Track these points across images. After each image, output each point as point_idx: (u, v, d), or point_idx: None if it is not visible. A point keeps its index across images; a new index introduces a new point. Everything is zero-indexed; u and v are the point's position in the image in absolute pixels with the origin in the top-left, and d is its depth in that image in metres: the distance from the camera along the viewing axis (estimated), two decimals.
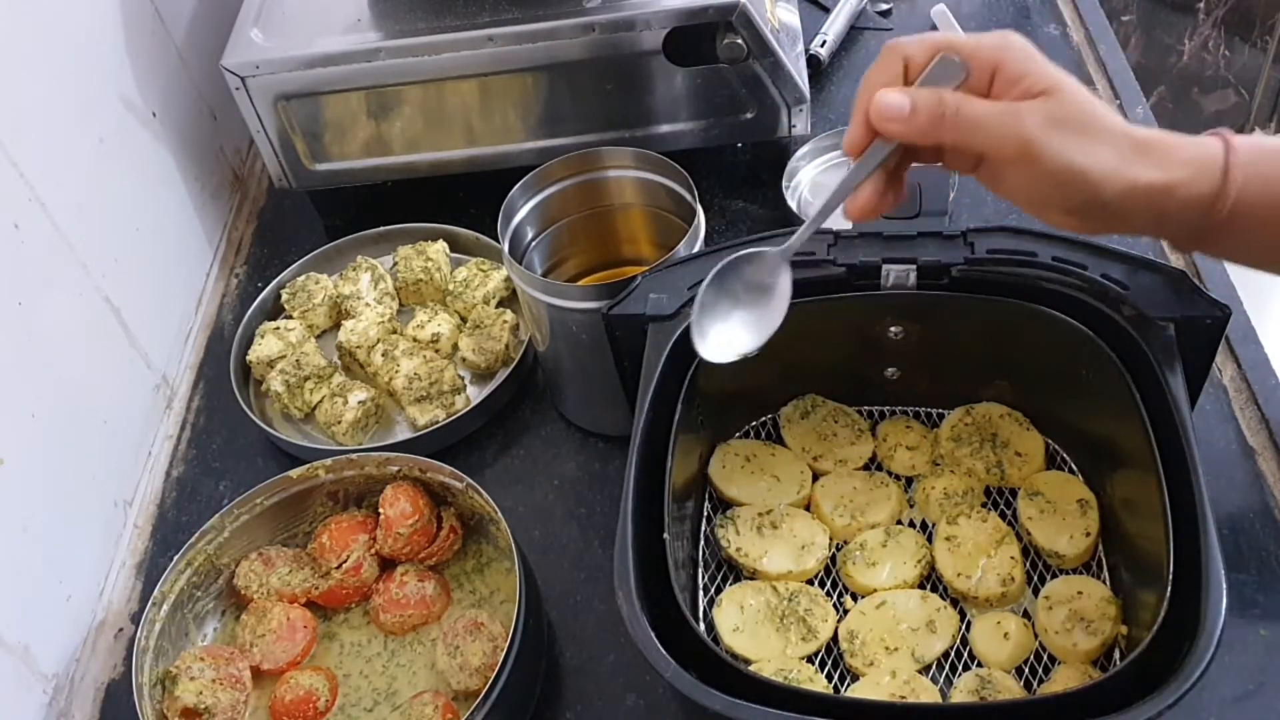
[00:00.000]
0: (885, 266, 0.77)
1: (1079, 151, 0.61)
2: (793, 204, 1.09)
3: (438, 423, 0.97)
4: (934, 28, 1.30)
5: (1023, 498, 0.81)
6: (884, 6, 1.34)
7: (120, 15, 1.07)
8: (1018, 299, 0.76)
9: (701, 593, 0.79)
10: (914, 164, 0.67)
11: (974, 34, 0.65)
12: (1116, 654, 0.72)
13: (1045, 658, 0.74)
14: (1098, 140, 0.62)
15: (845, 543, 0.81)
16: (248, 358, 1.05)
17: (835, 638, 0.76)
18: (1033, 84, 0.62)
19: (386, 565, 0.88)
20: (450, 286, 1.09)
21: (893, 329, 0.81)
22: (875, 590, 0.78)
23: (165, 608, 0.82)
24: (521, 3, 1.03)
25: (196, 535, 0.84)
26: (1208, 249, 0.69)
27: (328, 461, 0.87)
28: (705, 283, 0.68)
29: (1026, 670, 0.74)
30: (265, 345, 1.05)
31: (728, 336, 0.68)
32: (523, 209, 0.93)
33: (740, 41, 1.01)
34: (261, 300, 1.10)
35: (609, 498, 0.94)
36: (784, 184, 1.10)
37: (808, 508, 0.83)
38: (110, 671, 0.90)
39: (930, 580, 0.79)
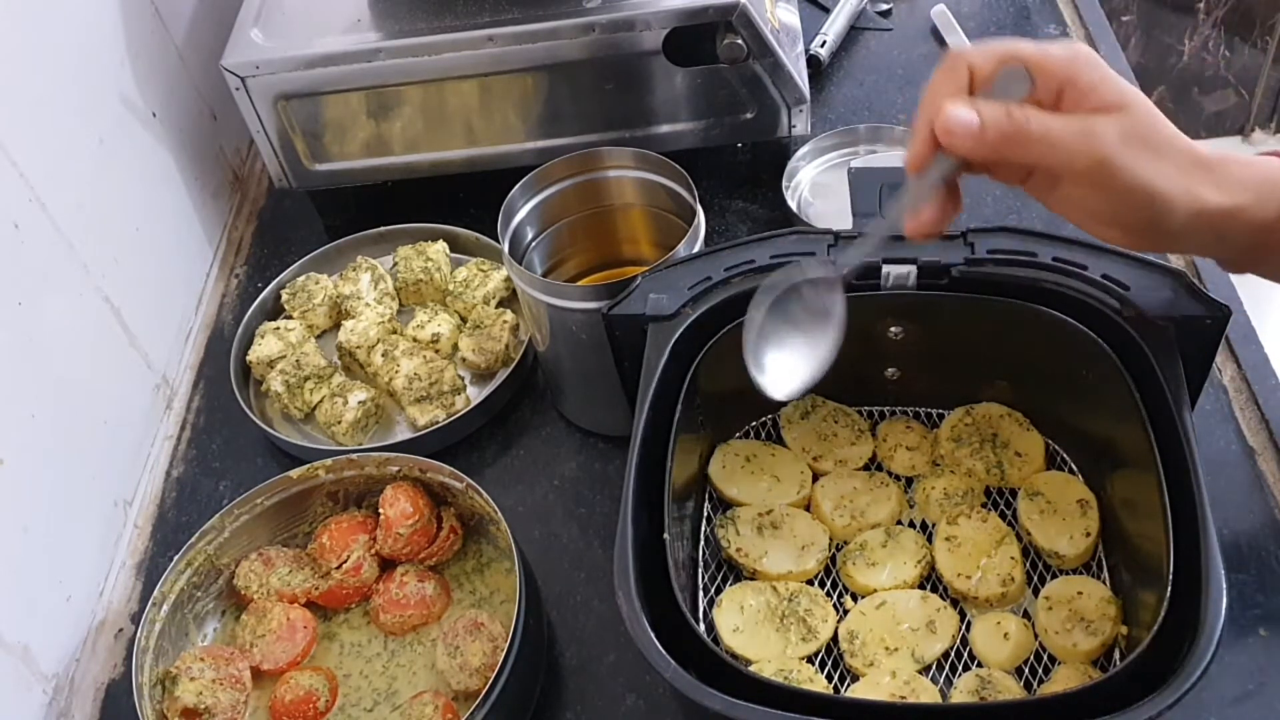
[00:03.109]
0: (885, 266, 0.77)
1: (1153, 170, 0.60)
2: (793, 204, 1.10)
3: (438, 423, 0.97)
4: (934, 28, 1.30)
5: (1023, 498, 0.81)
6: (884, 6, 1.34)
7: (120, 15, 1.07)
8: (1018, 299, 0.76)
9: (701, 593, 0.79)
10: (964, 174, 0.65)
11: (1040, 43, 0.62)
12: (1116, 654, 0.72)
13: (1045, 658, 0.74)
14: (1168, 159, 0.60)
15: (845, 543, 0.81)
16: (248, 358, 1.05)
17: (835, 638, 0.76)
18: (1104, 97, 0.60)
19: (386, 565, 0.88)
20: (450, 286, 1.09)
21: (893, 329, 0.81)
22: (875, 590, 0.78)
23: (165, 608, 0.82)
24: (521, 3, 1.03)
25: (196, 535, 0.84)
26: (1256, 269, 0.68)
27: (328, 461, 0.87)
28: (759, 313, 0.67)
29: (1026, 670, 0.74)
30: (265, 345, 1.05)
31: (789, 369, 0.68)
32: (523, 209, 0.93)
33: (740, 41, 1.01)
34: (261, 300, 1.10)
35: (609, 498, 0.94)
36: (784, 184, 1.11)
37: (808, 508, 0.83)
38: (110, 671, 0.90)
39: (930, 580, 0.79)
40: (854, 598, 0.78)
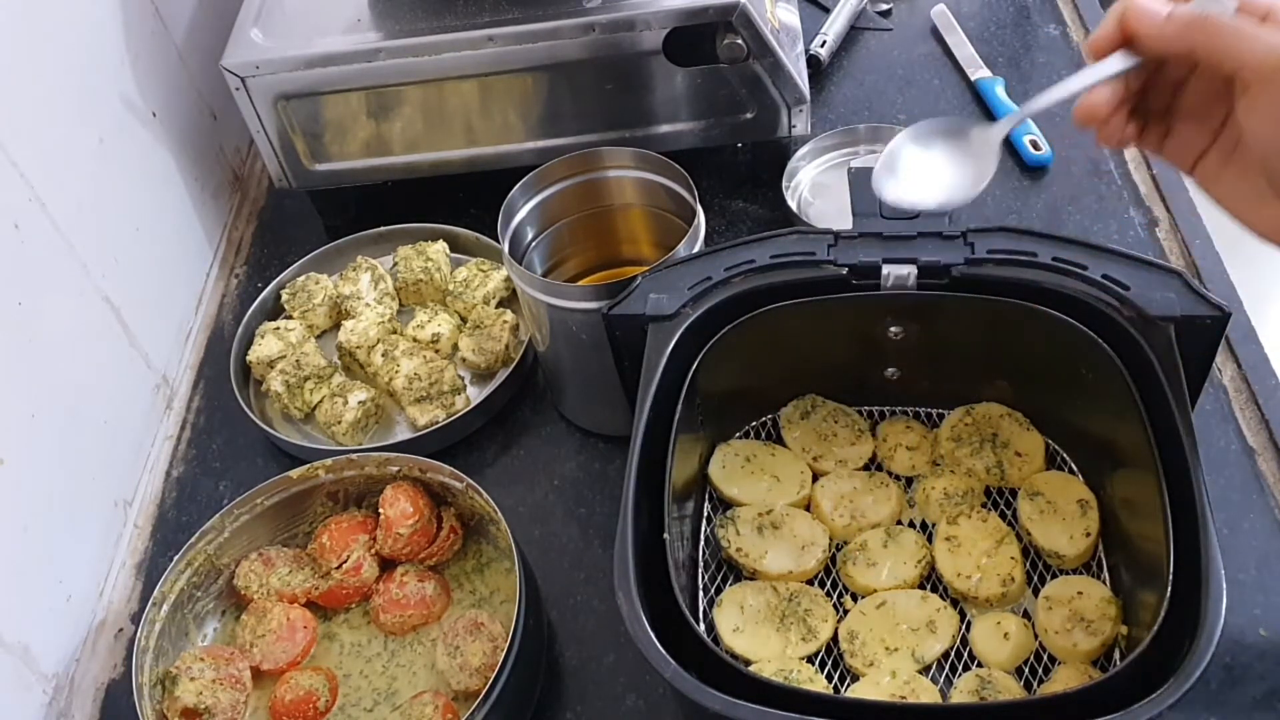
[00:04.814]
0: (885, 266, 0.77)
1: None
2: (793, 204, 1.10)
3: (438, 423, 0.97)
4: (934, 28, 1.30)
5: (1023, 498, 0.81)
6: (884, 6, 1.34)
7: (120, 15, 1.07)
8: (1018, 299, 0.76)
9: (701, 593, 0.79)
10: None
11: None
12: (1116, 654, 0.72)
13: (1045, 658, 0.74)
14: None
15: (845, 543, 0.81)
16: (248, 358, 1.05)
17: (835, 638, 0.76)
18: None
19: (386, 565, 0.88)
20: (450, 286, 1.09)
21: (893, 329, 0.81)
22: (875, 590, 0.78)
23: (165, 608, 0.82)
24: (521, 3, 1.03)
25: (196, 535, 0.84)
26: None
27: (328, 461, 0.87)
28: (907, 131, 0.67)
29: (1026, 670, 0.74)
30: (265, 345, 1.05)
31: (922, 185, 0.66)
32: (523, 209, 0.93)
33: (740, 41, 1.01)
34: (261, 300, 1.10)
35: (609, 498, 0.94)
36: (784, 184, 1.11)
37: (808, 508, 0.83)
38: (110, 671, 0.90)
39: (930, 580, 0.79)
40: (854, 598, 0.78)
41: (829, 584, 0.80)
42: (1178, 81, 0.64)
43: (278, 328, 1.07)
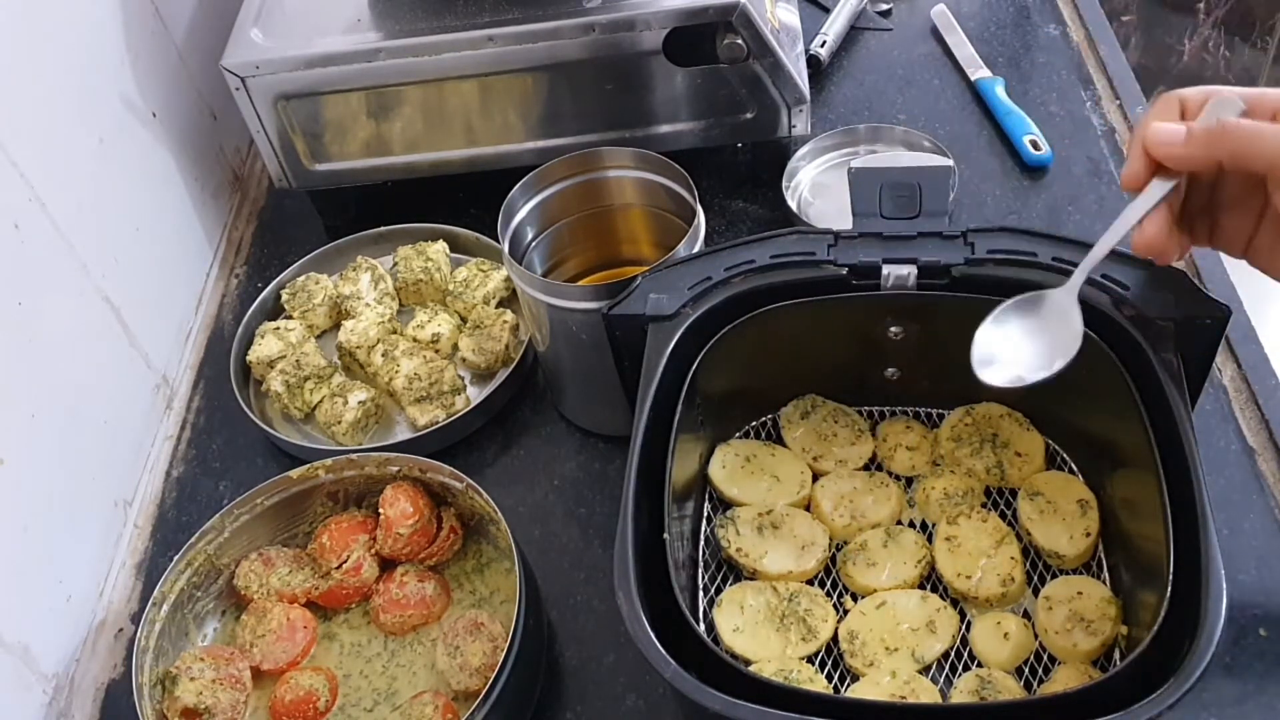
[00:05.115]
0: (885, 266, 0.77)
1: None
2: (793, 204, 1.10)
3: (438, 423, 0.97)
4: (934, 28, 1.30)
5: (1023, 498, 0.81)
6: (884, 6, 1.34)
7: (120, 15, 1.07)
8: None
9: (701, 593, 0.79)
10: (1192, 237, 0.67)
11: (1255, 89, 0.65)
12: (1116, 654, 0.72)
13: (1045, 658, 0.74)
14: None
15: (845, 543, 0.81)
16: (248, 358, 1.05)
17: (835, 638, 0.76)
18: None
19: (386, 565, 0.88)
20: (450, 286, 1.09)
21: (893, 329, 0.82)
22: (875, 590, 0.78)
23: (165, 608, 0.82)
24: (521, 3, 1.03)
25: (196, 535, 0.84)
26: None
27: (328, 461, 0.87)
28: (989, 322, 0.70)
29: (1026, 670, 0.74)
30: (265, 345, 1.05)
31: (1016, 364, 0.69)
32: (523, 209, 0.93)
33: (740, 42, 1.01)
34: (261, 300, 1.10)
35: (609, 498, 0.94)
36: (784, 184, 1.11)
37: (808, 508, 0.83)
38: (110, 671, 0.90)
39: (930, 580, 0.79)
40: (854, 598, 0.78)
41: (829, 584, 0.80)
42: (1213, 179, 0.66)
43: (278, 328, 1.07)
